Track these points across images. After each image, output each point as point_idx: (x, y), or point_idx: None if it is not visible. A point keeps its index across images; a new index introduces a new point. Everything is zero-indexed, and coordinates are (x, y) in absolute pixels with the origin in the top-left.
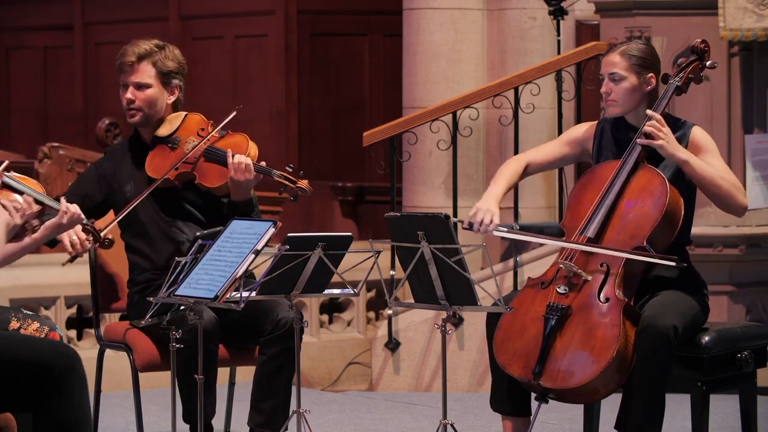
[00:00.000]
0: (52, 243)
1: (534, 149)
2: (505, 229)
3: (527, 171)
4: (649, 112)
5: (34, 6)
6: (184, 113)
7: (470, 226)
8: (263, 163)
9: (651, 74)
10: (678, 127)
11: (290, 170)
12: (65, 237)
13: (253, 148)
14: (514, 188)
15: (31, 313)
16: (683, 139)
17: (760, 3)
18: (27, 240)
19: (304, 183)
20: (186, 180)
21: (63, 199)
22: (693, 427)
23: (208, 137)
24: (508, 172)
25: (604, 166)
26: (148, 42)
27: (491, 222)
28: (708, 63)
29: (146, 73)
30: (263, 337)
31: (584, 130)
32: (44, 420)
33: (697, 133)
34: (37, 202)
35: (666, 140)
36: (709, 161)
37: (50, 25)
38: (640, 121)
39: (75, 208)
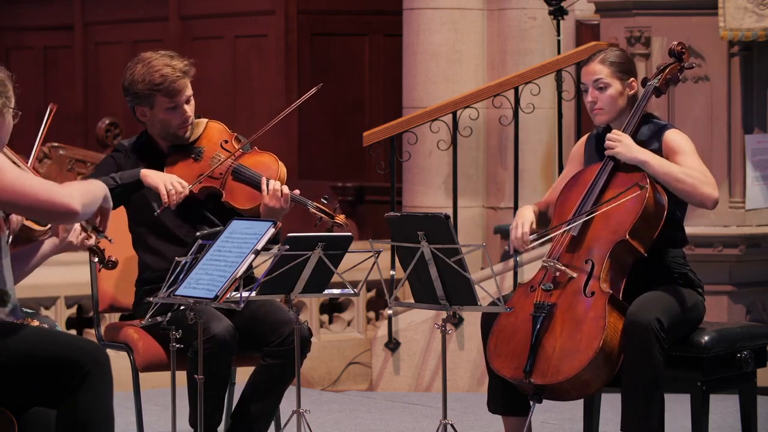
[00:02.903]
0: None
1: (549, 192)
2: (536, 237)
3: (547, 210)
4: (609, 134)
5: (34, 6)
6: (205, 120)
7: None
8: (297, 192)
9: (632, 79)
10: (654, 128)
11: (325, 202)
12: (161, 186)
13: (283, 170)
14: (514, 188)
15: (30, 311)
16: (655, 140)
17: (760, 3)
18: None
19: (341, 218)
20: (209, 193)
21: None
22: (693, 427)
23: (236, 152)
24: (535, 207)
25: (587, 169)
26: (168, 55)
27: (522, 234)
28: (686, 64)
29: (189, 86)
30: (267, 347)
31: (579, 145)
32: (69, 416)
33: (670, 136)
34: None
35: (621, 148)
36: (681, 161)
37: (50, 25)
38: (617, 121)
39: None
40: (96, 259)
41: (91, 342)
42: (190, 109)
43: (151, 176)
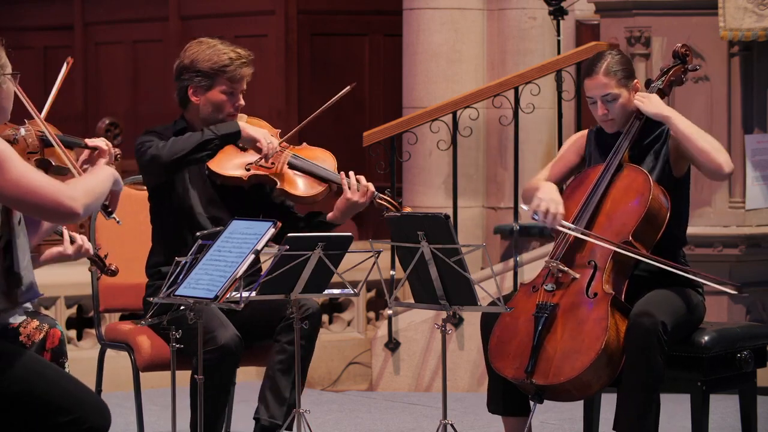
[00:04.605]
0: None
1: (544, 169)
2: (572, 226)
3: None
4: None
5: (34, 6)
6: (245, 116)
7: (535, 216)
8: None
9: (636, 80)
10: (659, 124)
11: (390, 194)
12: (262, 138)
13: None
14: (514, 188)
15: (31, 309)
16: (665, 132)
17: (760, 3)
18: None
19: (408, 209)
20: (258, 182)
21: (78, 237)
22: (693, 427)
23: (282, 144)
24: (543, 177)
25: (591, 170)
26: (228, 42)
27: (557, 213)
28: (690, 66)
29: (246, 79)
30: (282, 323)
31: (579, 138)
32: None
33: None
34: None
35: (645, 100)
36: None
37: (50, 25)
38: (626, 125)
39: (88, 245)
40: (96, 268)
41: (101, 401)
42: (242, 100)
43: (249, 128)
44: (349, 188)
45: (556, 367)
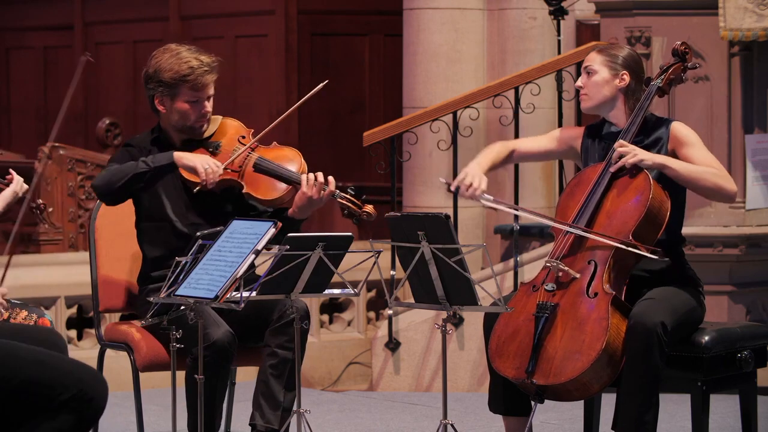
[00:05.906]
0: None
1: (522, 138)
2: (491, 198)
3: (511, 157)
4: (616, 145)
5: (34, 6)
6: (220, 117)
7: (457, 190)
8: None
9: (625, 72)
10: (660, 124)
11: (352, 193)
12: (199, 165)
13: (305, 164)
14: (515, 188)
15: (19, 302)
16: (664, 135)
17: (760, 3)
18: None
19: (369, 208)
20: (226, 187)
21: (12, 171)
22: (693, 427)
23: (251, 145)
24: (493, 152)
25: (590, 169)
26: (195, 49)
27: (479, 187)
28: (689, 64)
29: (212, 84)
30: (271, 326)
31: (574, 131)
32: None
33: (677, 128)
34: None
35: (637, 153)
36: (692, 153)
37: (50, 25)
38: (622, 123)
39: (20, 180)
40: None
41: (93, 371)
42: (209, 105)
43: (187, 157)
44: (306, 184)
45: (557, 368)
